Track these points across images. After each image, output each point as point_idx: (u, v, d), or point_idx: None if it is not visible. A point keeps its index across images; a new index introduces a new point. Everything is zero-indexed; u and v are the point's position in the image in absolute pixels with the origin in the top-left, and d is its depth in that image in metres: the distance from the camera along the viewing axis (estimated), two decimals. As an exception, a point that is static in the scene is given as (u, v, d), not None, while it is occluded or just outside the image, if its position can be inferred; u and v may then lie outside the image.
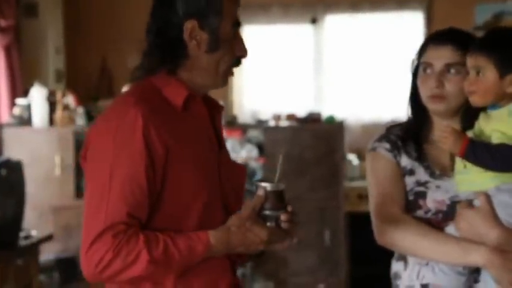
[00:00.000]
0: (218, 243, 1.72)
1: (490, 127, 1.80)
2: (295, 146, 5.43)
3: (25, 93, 5.58)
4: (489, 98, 1.82)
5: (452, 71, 1.98)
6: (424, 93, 2.03)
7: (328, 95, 6.85)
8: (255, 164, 5.61)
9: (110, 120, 1.74)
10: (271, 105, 6.56)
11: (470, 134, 1.85)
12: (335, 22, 6.90)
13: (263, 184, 1.77)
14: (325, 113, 5.94)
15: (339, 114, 6.10)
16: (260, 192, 1.76)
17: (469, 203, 1.80)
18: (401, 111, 2.15)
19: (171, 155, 1.72)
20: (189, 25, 1.76)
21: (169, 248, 1.67)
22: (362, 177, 6.41)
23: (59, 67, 6.31)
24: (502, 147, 1.74)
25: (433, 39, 2.06)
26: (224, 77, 1.84)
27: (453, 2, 6.54)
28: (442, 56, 2.00)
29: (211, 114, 1.89)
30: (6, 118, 5.55)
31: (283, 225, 1.78)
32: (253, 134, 5.84)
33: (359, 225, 6.09)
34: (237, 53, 1.83)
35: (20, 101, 5.45)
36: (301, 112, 5.91)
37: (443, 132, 1.84)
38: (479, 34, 1.97)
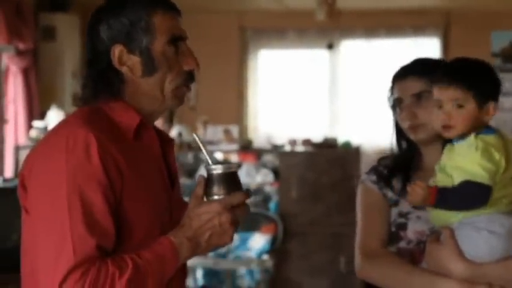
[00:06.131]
0: (183, 241, 1.55)
1: (450, 163, 1.78)
2: (311, 171, 5.41)
3: (42, 116, 5.62)
4: (468, 130, 1.77)
5: (423, 99, 2.02)
6: (403, 125, 2.10)
7: (343, 120, 6.86)
8: (270, 189, 5.59)
9: (57, 143, 1.52)
10: (286, 130, 6.56)
11: (436, 167, 1.83)
12: (350, 48, 6.93)
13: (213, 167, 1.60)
14: (340, 138, 5.94)
15: (354, 139, 6.10)
16: (199, 178, 1.60)
17: (437, 238, 1.81)
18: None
19: (126, 185, 1.53)
20: (116, 50, 1.61)
21: (138, 264, 1.50)
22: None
23: (76, 90, 6.35)
24: (464, 184, 1.72)
25: (397, 74, 2.12)
26: (174, 98, 1.65)
27: (469, 28, 6.54)
28: (407, 88, 2.06)
29: (163, 148, 1.70)
30: (23, 140, 5.58)
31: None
32: (268, 158, 5.83)
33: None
34: (185, 67, 1.64)
35: (37, 123, 5.48)
36: (315, 137, 5.90)
37: (412, 188, 1.79)
38: (497, 61, 1.94)
